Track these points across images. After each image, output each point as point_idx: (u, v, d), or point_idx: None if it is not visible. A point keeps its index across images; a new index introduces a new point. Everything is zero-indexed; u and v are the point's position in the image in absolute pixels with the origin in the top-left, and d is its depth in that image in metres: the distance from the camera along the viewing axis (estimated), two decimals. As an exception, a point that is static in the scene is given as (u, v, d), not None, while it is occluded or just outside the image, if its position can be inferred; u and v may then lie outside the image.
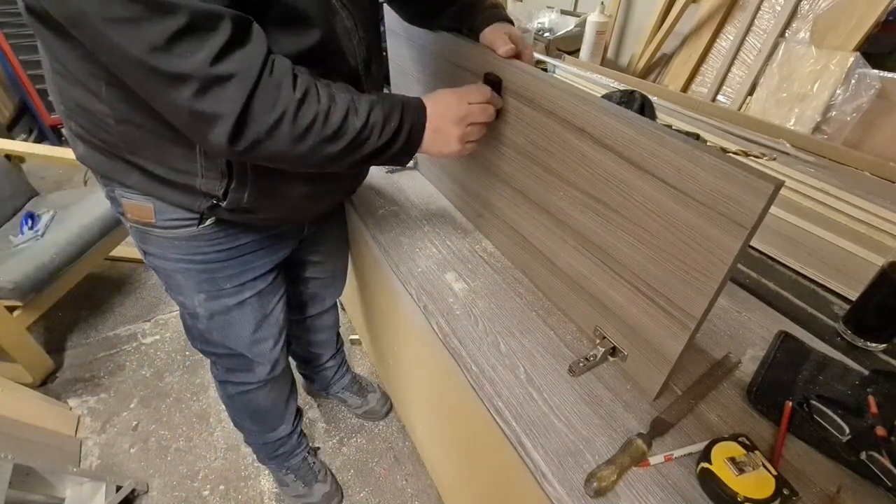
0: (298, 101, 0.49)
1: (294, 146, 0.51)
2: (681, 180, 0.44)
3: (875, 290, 0.64)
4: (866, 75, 0.95)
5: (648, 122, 0.46)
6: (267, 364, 0.93)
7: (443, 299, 0.73)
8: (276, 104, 0.48)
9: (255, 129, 0.48)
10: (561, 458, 0.52)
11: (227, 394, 1.00)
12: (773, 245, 0.82)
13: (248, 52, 0.46)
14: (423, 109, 0.61)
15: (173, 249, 0.72)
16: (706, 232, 0.43)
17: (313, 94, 0.51)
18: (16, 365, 1.43)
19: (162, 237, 0.70)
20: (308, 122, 0.51)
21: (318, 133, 0.52)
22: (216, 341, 0.86)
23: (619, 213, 0.53)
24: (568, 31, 1.55)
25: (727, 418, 0.57)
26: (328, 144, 0.53)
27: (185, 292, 0.78)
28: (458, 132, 0.62)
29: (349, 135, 0.54)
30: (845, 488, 0.49)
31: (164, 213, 0.67)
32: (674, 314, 0.50)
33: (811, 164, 0.89)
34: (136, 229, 0.71)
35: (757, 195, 0.37)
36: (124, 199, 0.67)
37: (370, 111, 0.55)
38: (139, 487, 1.23)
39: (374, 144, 0.57)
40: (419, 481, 1.28)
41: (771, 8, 1.11)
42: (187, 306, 0.80)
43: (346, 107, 0.53)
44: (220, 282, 0.77)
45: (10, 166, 1.66)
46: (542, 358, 0.64)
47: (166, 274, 0.76)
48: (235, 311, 0.82)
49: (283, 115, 0.49)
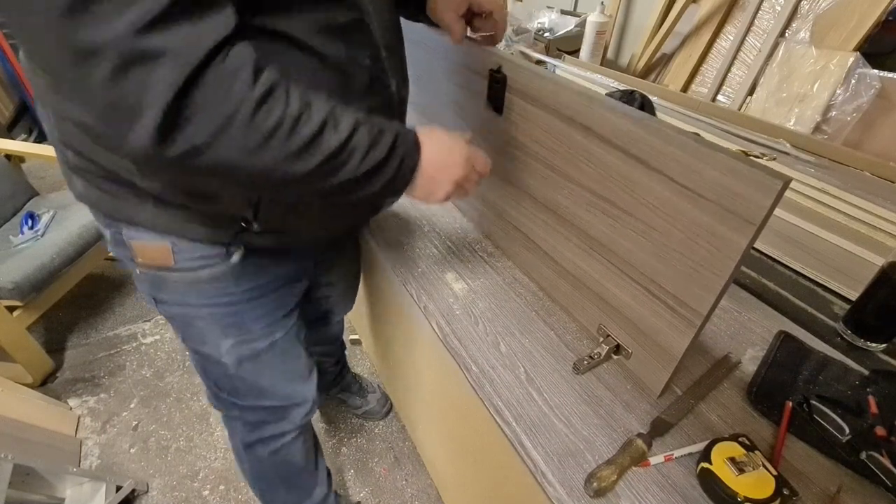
0: (258, 99, 0.38)
1: (247, 158, 0.39)
2: (688, 177, 0.43)
3: (875, 290, 0.64)
4: (866, 75, 0.96)
5: (655, 120, 0.46)
6: (305, 403, 0.85)
7: (442, 299, 0.73)
8: (226, 99, 0.37)
9: (193, 129, 0.36)
10: (561, 458, 0.52)
11: (257, 458, 0.88)
12: (773, 245, 0.82)
13: (196, 27, 0.34)
14: (417, 147, 0.52)
15: (195, 294, 0.63)
16: (714, 229, 0.43)
17: (280, 94, 0.39)
18: (16, 365, 1.43)
19: (181, 282, 0.61)
20: (269, 129, 0.39)
21: (280, 144, 0.40)
22: (244, 391, 0.77)
23: (625, 211, 0.52)
24: (568, 31, 1.55)
25: (727, 418, 0.57)
26: (293, 161, 0.41)
27: (209, 340, 0.69)
28: (450, 189, 0.56)
29: (321, 153, 0.42)
30: (845, 488, 0.49)
31: (185, 251, 0.58)
32: (680, 311, 0.50)
33: (811, 164, 0.90)
34: (147, 276, 0.62)
35: (765, 192, 0.37)
36: (134, 240, 0.57)
37: (354, 129, 0.44)
38: (139, 487, 1.23)
39: (352, 173, 0.45)
40: (419, 481, 1.28)
41: (771, 8, 1.11)
42: (210, 356, 0.71)
43: (324, 118, 0.42)
44: (249, 324, 0.69)
45: (10, 166, 1.66)
46: (542, 358, 0.64)
47: (185, 322, 0.68)
48: (266, 354, 0.73)
49: (234, 114, 0.37)
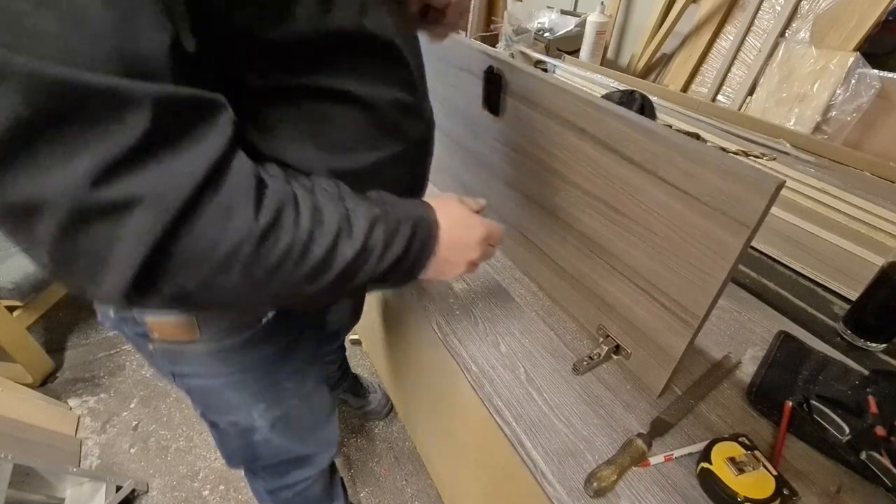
0: (262, 232, 0.32)
1: (249, 292, 0.34)
2: (682, 180, 0.44)
3: (875, 290, 0.64)
4: (866, 75, 0.95)
5: (650, 123, 0.46)
6: (331, 447, 0.81)
7: (443, 299, 0.73)
8: (222, 240, 0.30)
9: (181, 279, 0.30)
10: (561, 458, 0.52)
11: (280, 499, 0.83)
12: (773, 245, 0.82)
13: (179, 159, 0.27)
14: (435, 229, 0.47)
15: (223, 363, 0.55)
16: (708, 231, 0.43)
17: (288, 216, 0.34)
18: (16, 365, 1.43)
19: (206, 352, 0.53)
20: (276, 260, 0.33)
21: (289, 272, 0.35)
22: (274, 451, 0.71)
23: (621, 212, 0.53)
24: (568, 31, 1.55)
25: (727, 418, 0.57)
26: (304, 284, 0.36)
27: (240, 408, 0.62)
28: (465, 269, 0.52)
29: (336, 268, 0.38)
30: (845, 488, 0.49)
31: (212, 321, 0.50)
32: (677, 313, 0.50)
33: (811, 164, 0.90)
34: (164, 351, 0.53)
35: (759, 194, 0.37)
36: (150, 317, 0.49)
37: (369, 231, 0.39)
38: (139, 487, 1.23)
39: (368, 274, 0.41)
40: (419, 481, 1.28)
41: (771, 8, 1.11)
42: (238, 424, 0.64)
43: (337, 228, 0.37)
44: (283, 382, 0.63)
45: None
46: (542, 358, 0.64)
47: (209, 393, 0.60)
48: (299, 408, 0.68)
49: (232, 256, 0.31)
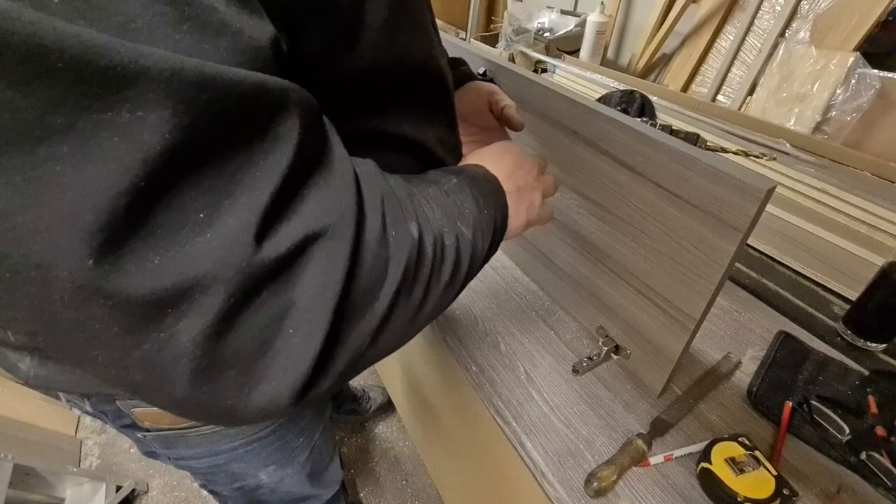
0: (405, 272, 0.27)
1: (399, 340, 0.31)
2: (674, 183, 0.44)
3: (875, 290, 0.64)
4: (866, 75, 0.95)
5: (644, 127, 0.46)
6: (335, 486, 0.80)
7: (443, 299, 0.73)
8: (378, 299, 0.26)
9: (339, 364, 0.26)
10: (561, 458, 0.52)
11: None
12: (773, 245, 0.82)
13: (333, 180, 0.24)
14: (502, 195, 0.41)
15: (230, 438, 0.52)
16: (701, 235, 0.43)
17: (429, 245, 0.29)
18: (16, 365, 1.43)
19: (211, 433, 0.51)
20: (420, 298, 0.29)
21: (434, 298, 0.31)
22: (278, 499, 0.69)
23: (615, 214, 0.53)
24: (568, 31, 1.55)
25: (727, 418, 0.57)
26: (445, 297, 0.33)
27: (246, 475, 0.59)
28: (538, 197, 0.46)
29: (463, 269, 0.34)
30: (845, 488, 0.49)
31: None
32: (673, 315, 0.50)
33: (811, 164, 0.90)
34: (160, 437, 0.50)
35: (750, 199, 0.37)
36: (137, 408, 0.45)
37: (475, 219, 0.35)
38: (139, 487, 1.23)
39: (480, 258, 0.36)
40: (419, 481, 1.28)
41: (771, 8, 1.11)
42: (246, 486, 0.61)
43: (455, 236, 0.32)
44: (291, 441, 0.61)
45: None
46: (542, 358, 0.64)
47: (213, 471, 0.56)
48: (307, 462, 0.66)
49: (389, 312, 0.27)
